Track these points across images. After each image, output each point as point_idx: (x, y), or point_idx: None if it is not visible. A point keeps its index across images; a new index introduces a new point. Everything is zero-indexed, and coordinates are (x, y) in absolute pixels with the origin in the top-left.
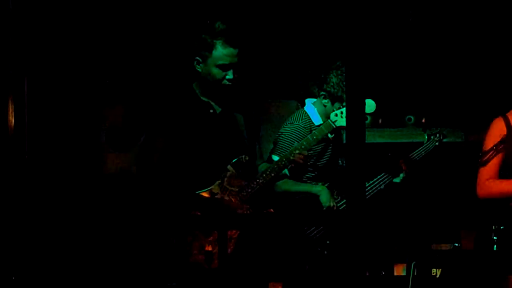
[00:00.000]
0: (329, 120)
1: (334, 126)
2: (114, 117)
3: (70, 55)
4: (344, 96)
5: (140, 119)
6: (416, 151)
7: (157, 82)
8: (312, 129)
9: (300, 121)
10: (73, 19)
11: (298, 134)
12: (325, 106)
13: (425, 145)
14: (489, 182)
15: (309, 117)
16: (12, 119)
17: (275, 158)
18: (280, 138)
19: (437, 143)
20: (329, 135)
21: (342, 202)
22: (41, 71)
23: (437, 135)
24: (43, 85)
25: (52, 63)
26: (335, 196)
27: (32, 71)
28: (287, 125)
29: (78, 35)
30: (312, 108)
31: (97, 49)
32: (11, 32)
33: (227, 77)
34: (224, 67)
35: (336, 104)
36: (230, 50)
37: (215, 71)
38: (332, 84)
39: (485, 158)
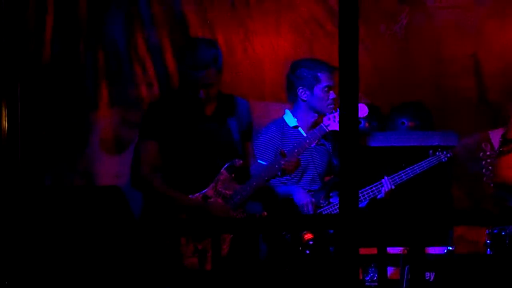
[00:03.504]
0: (322, 124)
1: (327, 130)
2: (108, 120)
3: (61, 58)
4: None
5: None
6: (418, 164)
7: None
8: (285, 131)
9: (273, 124)
10: (64, 24)
11: (270, 136)
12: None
13: (428, 159)
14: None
15: (283, 119)
16: (5, 124)
17: (261, 162)
18: (256, 142)
19: (443, 160)
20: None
21: (329, 206)
22: (34, 76)
23: (445, 152)
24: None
25: (43, 68)
26: (321, 201)
27: (25, 76)
28: (262, 129)
29: (69, 39)
30: (288, 111)
31: (87, 51)
32: (3, 37)
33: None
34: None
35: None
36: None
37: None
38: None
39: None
